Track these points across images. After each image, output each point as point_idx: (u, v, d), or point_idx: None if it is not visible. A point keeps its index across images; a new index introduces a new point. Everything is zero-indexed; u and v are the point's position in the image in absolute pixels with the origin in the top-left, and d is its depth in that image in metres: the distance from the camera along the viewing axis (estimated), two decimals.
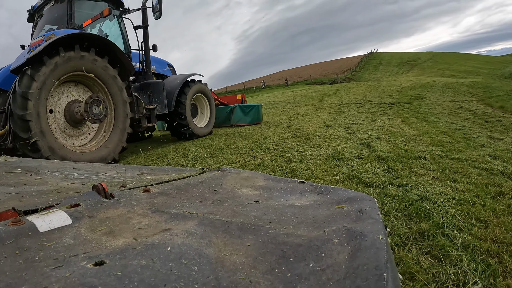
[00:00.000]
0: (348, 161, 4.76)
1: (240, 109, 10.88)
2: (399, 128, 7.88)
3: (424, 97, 14.97)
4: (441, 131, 7.31)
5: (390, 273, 0.61)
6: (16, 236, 0.71)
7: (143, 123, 7.17)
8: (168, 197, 1.06)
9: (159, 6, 7.62)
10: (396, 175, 3.96)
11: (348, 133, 7.34)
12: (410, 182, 3.63)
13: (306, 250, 0.72)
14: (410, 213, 2.85)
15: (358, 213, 0.90)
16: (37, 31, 7.10)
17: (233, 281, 0.62)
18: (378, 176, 3.95)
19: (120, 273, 0.60)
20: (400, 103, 13.59)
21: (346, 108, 13.18)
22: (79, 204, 0.90)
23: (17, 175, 1.59)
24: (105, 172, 1.71)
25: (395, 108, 12.32)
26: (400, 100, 14.53)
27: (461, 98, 14.45)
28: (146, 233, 0.79)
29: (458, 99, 14.32)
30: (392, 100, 14.60)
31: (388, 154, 4.98)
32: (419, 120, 9.53)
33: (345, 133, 7.35)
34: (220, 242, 0.77)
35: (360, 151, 5.34)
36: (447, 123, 8.72)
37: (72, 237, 0.75)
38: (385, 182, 3.71)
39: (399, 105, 13.13)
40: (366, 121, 9.11)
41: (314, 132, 7.79)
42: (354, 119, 9.77)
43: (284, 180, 1.31)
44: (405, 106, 12.70)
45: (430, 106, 12.65)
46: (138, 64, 7.97)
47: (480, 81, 20.49)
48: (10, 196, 1.13)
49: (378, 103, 13.84)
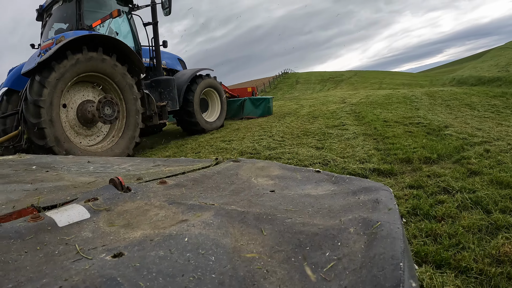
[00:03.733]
0: None
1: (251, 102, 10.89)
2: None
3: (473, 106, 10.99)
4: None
5: (407, 263, 0.60)
6: (36, 232, 0.73)
7: (155, 120, 7.21)
8: (184, 189, 1.07)
9: (169, 2, 7.62)
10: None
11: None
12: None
13: (322, 239, 0.72)
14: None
15: (374, 203, 0.89)
16: (46, 30, 7.17)
17: (250, 270, 0.62)
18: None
19: (139, 264, 0.60)
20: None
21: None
22: (96, 198, 0.91)
23: (33, 172, 1.61)
24: (120, 165, 1.72)
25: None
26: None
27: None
28: (163, 225, 0.79)
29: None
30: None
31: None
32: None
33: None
34: (237, 232, 0.77)
35: None
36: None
37: (91, 231, 0.76)
38: None
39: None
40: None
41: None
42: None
43: (299, 170, 1.30)
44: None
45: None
46: (148, 60, 7.99)
47: (474, 87, 18.96)
48: (28, 193, 1.15)
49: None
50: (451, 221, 2.63)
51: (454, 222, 2.61)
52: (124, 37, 7.33)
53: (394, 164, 4.40)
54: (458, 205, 2.89)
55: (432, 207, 2.91)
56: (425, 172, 3.98)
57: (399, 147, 5.23)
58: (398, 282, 0.54)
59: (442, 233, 2.42)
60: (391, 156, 4.81)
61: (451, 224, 2.57)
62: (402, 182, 3.72)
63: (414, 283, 0.57)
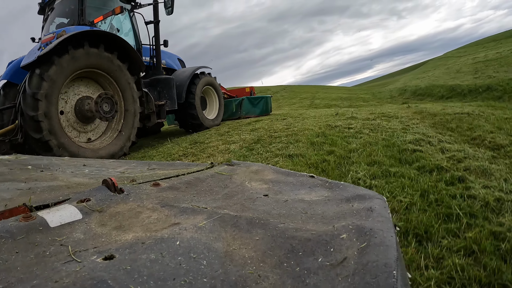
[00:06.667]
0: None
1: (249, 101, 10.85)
2: None
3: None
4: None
5: (400, 271, 0.60)
6: (27, 232, 0.72)
7: (153, 119, 7.19)
8: (178, 191, 1.06)
9: (171, 1, 7.60)
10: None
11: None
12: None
13: (315, 244, 0.72)
14: None
15: (367, 211, 0.89)
16: (47, 24, 7.14)
17: (241, 275, 0.62)
18: None
19: (130, 267, 0.60)
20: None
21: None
22: (89, 199, 0.91)
23: (28, 171, 1.61)
24: (115, 168, 1.72)
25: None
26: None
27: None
28: (156, 228, 0.79)
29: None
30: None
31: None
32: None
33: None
34: (229, 236, 0.77)
35: None
36: None
37: (82, 232, 0.76)
38: None
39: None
40: None
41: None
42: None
43: (293, 174, 1.30)
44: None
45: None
46: (148, 59, 7.97)
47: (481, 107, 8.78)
48: (21, 192, 1.14)
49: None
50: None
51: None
52: (125, 34, 7.30)
53: None
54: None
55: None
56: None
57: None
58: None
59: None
60: None
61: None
62: None
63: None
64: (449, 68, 24.64)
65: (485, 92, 16.42)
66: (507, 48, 23.56)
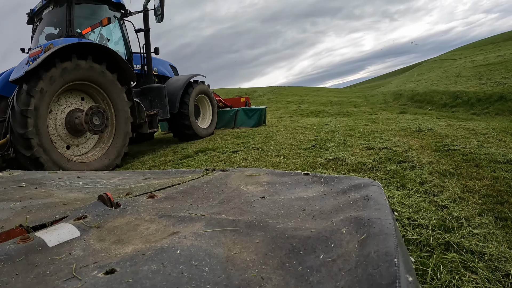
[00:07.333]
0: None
1: (244, 112, 10.82)
2: None
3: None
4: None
5: (401, 258, 0.60)
6: (26, 253, 0.72)
7: (144, 129, 7.13)
8: (174, 201, 1.07)
9: (161, 9, 7.52)
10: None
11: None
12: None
13: (316, 242, 0.72)
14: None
15: (364, 200, 0.89)
16: (36, 34, 7.06)
17: (244, 278, 0.62)
18: None
19: (132, 279, 0.60)
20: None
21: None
22: (86, 216, 0.91)
23: (22, 189, 1.59)
24: (110, 179, 1.71)
25: None
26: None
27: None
28: (155, 238, 0.79)
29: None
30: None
31: None
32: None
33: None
34: (229, 241, 0.77)
35: None
36: None
37: (82, 249, 0.76)
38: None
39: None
40: None
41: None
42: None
43: (288, 174, 1.31)
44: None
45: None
46: (139, 67, 7.90)
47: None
48: (17, 212, 1.14)
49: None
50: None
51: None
52: (115, 43, 7.24)
53: None
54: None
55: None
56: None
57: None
58: (394, 278, 0.54)
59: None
60: None
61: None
62: None
63: (410, 277, 0.57)
64: (446, 71, 22.92)
65: (498, 102, 14.09)
66: (508, 51, 21.93)
